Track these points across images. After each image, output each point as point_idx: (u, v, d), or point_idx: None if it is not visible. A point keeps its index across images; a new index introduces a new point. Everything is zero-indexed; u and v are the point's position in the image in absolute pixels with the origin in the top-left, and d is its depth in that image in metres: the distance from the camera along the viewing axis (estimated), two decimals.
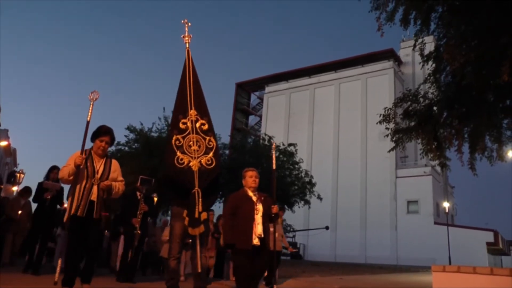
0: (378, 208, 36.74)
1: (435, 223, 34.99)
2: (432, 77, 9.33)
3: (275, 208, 4.71)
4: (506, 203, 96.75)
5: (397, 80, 40.65)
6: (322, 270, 17.19)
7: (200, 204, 4.26)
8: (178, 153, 4.45)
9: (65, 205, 7.79)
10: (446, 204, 33.32)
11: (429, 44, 9.36)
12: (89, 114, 4.06)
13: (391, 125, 9.97)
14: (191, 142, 4.56)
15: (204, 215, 4.22)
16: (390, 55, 41.94)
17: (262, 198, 4.69)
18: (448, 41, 7.41)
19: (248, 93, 53.11)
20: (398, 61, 43.13)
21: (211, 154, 4.59)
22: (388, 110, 9.95)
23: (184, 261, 9.30)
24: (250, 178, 4.69)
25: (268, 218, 4.67)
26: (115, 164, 4.43)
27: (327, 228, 35.72)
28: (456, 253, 28.20)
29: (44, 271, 6.81)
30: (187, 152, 4.49)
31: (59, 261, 3.70)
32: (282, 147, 20.35)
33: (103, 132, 4.31)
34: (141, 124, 17.32)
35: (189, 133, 4.60)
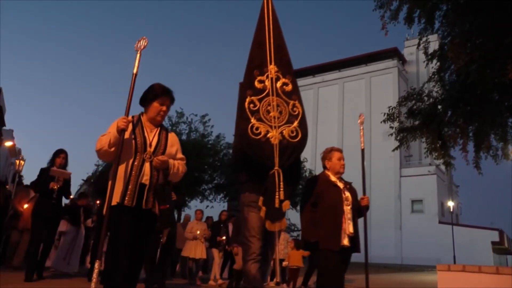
0: (383, 208, 36.67)
1: (440, 222, 34.89)
2: (436, 76, 9.31)
3: (366, 199, 3.82)
4: (511, 202, 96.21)
5: (401, 79, 40.55)
6: None
7: (282, 189, 3.14)
8: (253, 120, 3.31)
9: (71, 196, 7.12)
10: (450, 203, 33.20)
11: (433, 42, 9.33)
12: (136, 65, 3.20)
13: (396, 124, 9.95)
14: (270, 107, 3.43)
15: (286, 205, 3.13)
16: (394, 54, 41.84)
17: (348, 186, 3.83)
18: (452, 40, 7.38)
19: None
20: (402, 60, 43.02)
21: (295, 124, 3.44)
22: (392, 109, 9.93)
23: (219, 261, 8.64)
24: (339, 161, 3.86)
25: (357, 212, 3.79)
26: (173, 137, 3.29)
27: None
28: (461, 253, 28.11)
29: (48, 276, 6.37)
30: (264, 119, 3.37)
31: (97, 264, 2.81)
32: None
33: (164, 92, 3.21)
34: None
35: (267, 95, 3.48)
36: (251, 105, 3.41)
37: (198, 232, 8.22)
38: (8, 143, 24.92)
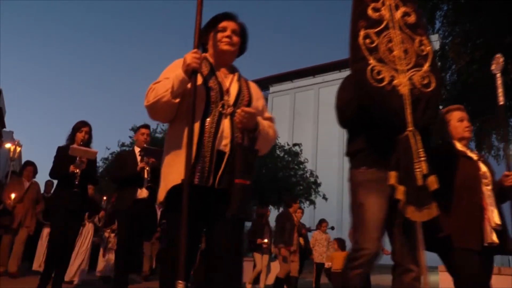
0: None
1: None
2: None
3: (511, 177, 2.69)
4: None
5: None
6: None
7: (423, 158, 2.11)
8: (372, 61, 2.25)
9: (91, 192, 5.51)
10: None
11: (434, 42, 9.32)
12: None
13: None
14: (392, 44, 2.35)
15: (433, 182, 2.10)
16: None
17: (482, 157, 2.79)
18: (453, 40, 7.39)
19: None
20: None
21: (426, 67, 2.35)
22: None
23: (261, 268, 7.27)
24: (461, 122, 2.77)
25: (500, 195, 2.65)
26: (256, 87, 2.25)
27: (332, 228, 35.46)
28: None
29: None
30: (386, 60, 2.29)
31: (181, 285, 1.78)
32: (286, 147, 20.38)
33: (225, 15, 2.20)
34: None
35: (386, 27, 2.39)
36: (367, 41, 2.34)
37: None
38: (8, 145, 24.93)
